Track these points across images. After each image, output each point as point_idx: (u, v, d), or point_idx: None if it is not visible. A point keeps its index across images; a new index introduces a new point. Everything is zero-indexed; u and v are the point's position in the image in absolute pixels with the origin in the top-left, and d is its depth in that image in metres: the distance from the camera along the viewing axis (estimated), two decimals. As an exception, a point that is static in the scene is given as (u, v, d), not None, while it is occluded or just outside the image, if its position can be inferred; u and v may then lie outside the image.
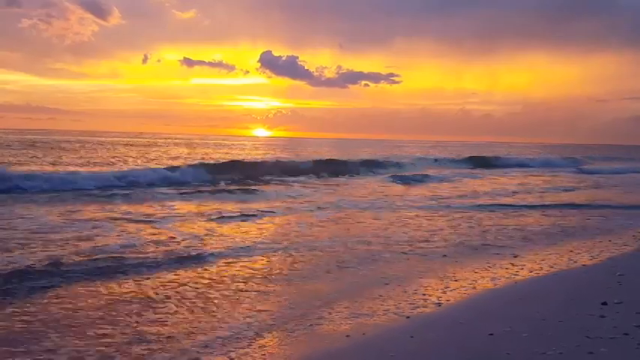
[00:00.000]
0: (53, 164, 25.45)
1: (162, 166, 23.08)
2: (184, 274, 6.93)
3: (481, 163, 36.39)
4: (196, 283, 6.57)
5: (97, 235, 9.06)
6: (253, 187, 18.31)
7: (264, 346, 4.62)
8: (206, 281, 6.65)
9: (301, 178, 22.43)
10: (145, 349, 4.51)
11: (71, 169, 22.21)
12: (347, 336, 4.87)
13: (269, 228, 10.67)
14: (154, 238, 9.10)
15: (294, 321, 5.28)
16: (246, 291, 6.30)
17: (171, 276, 6.84)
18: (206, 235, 9.56)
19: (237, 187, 18.03)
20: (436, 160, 36.41)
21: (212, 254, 8.04)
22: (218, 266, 7.42)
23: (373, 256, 8.29)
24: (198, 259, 7.72)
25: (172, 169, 21.66)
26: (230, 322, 5.22)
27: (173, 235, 9.37)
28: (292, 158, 32.74)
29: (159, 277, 6.75)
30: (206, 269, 7.23)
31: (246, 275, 6.99)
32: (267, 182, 20.57)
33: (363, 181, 22.70)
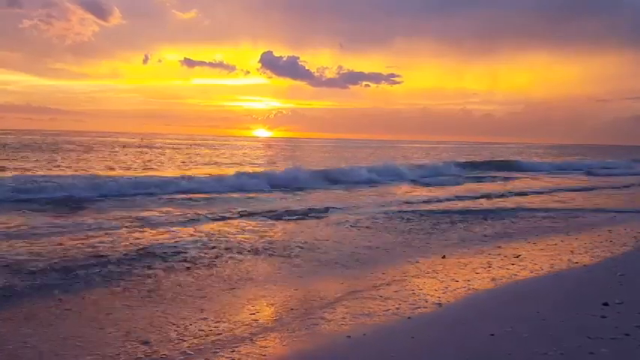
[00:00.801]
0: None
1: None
2: (184, 273, 6.94)
3: (508, 166, 36.13)
4: (197, 282, 6.58)
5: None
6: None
7: (265, 347, 4.62)
8: (206, 280, 6.65)
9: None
10: (144, 350, 4.51)
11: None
12: (348, 336, 4.86)
13: (274, 229, 10.67)
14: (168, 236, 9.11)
15: (294, 321, 5.28)
16: (247, 291, 6.30)
17: (171, 274, 6.85)
18: (218, 233, 9.57)
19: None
20: (463, 163, 36.21)
21: (212, 254, 8.06)
22: (218, 265, 7.42)
23: (374, 256, 8.29)
24: (199, 259, 7.73)
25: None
26: (230, 322, 5.22)
27: (181, 235, 9.38)
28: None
29: (158, 276, 6.76)
30: (206, 268, 7.24)
31: (247, 275, 6.99)
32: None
33: (386, 186, 21.92)
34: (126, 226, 10.19)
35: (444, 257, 8.18)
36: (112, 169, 25.22)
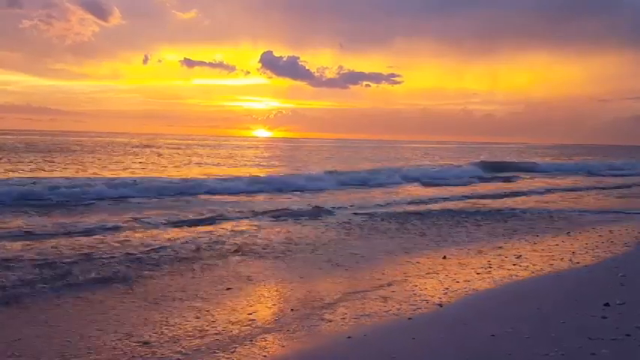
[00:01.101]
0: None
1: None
2: (184, 274, 6.93)
3: (513, 167, 35.94)
4: (197, 283, 6.57)
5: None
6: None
7: (265, 347, 4.61)
8: (206, 281, 6.65)
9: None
10: (145, 351, 4.50)
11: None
12: (348, 337, 4.85)
13: (275, 230, 10.66)
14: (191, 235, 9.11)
15: (295, 322, 5.27)
16: (247, 291, 6.29)
17: (171, 275, 6.84)
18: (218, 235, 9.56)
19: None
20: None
21: (213, 255, 8.06)
22: (218, 266, 7.42)
23: (374, 256, 8.28)
24: (199, 259, 7.73)
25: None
26: (230, 322, 5.21)
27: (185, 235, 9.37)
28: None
29: (158, 277, 6.75)
30: (206, 269, 7.23)
31: (246, 275, 6.98)
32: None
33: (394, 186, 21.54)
34: (126, 227, 10.19)
35: (444, 258, 8.16)
36: (117, 169, 25.23)
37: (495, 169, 33.33)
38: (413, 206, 14.72)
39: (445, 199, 16.93)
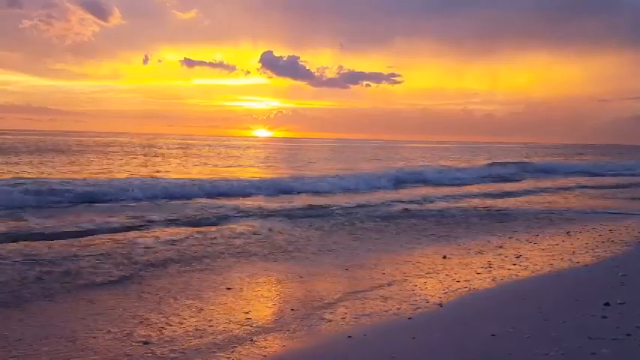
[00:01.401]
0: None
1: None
2: (185, 274, 6.93)
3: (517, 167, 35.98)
4: (197, 283, 6.57)
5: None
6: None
7: (265, 347, 4.61)
8: (206, 281, 6.65)
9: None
10: (145, 351, 4.50)
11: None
12: (348, 337, 4.85)
13: (275, 229, 10.66)
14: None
15: (295, 321, 5.27)
16: (247, 291, 6.29)
17: (171, 275, 6.84)
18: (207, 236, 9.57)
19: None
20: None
21: (213, 255, 8.05)
22: (218, 266, 7.42)
23: (374, 257, 8.28)
24: (200, 259, 7.73)
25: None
26: (230, 322, 5.21)
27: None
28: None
29: (159, 277, 6.75)
30: (206, 269, 7.23)
31: (247, 276, 6.98)
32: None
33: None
34: (126, 228, 10.18)
35: (444, 257, 8.17)
36: (116, 170, 25.24)
37: (498, 169, 33.29)
38: (414, 205, 14.71)
39: (445, 198, 16.94)
